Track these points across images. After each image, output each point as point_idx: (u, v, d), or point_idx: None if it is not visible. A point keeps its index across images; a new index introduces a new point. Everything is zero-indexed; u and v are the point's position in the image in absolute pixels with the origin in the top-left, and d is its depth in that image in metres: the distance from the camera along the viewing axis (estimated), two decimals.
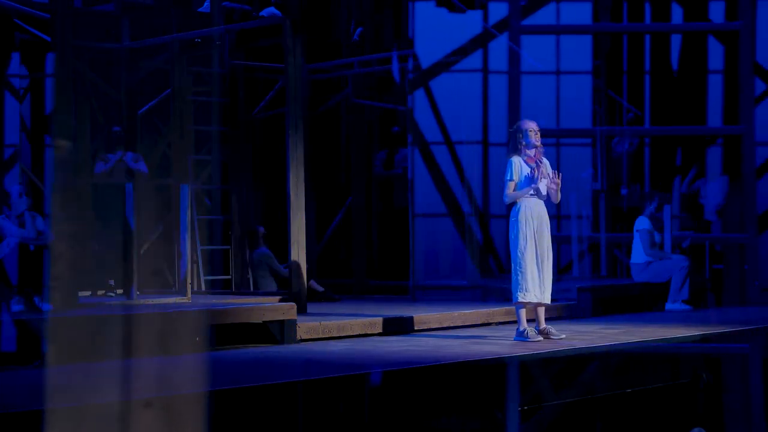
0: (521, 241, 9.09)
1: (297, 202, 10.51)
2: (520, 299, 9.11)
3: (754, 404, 8.41)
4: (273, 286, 12.26)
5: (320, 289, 12.91)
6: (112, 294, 10.90)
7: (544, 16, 16.37)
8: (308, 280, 11.23)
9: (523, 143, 9.18)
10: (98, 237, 11.37)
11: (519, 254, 9.09)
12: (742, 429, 9.17)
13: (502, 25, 15.51)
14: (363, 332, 9.69)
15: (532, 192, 9.11)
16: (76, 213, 9.04)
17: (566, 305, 11.55)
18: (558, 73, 17.15)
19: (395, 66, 13.48)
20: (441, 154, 16.38)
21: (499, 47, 16.43)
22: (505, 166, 9.25)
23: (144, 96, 12.53)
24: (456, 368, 7.47)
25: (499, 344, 8.85)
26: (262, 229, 12.85)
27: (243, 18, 12.50)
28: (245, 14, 12.71)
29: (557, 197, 9.29)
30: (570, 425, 8.07)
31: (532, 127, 9.22)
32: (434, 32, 16.07)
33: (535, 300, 9.10)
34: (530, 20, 15.50)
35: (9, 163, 12.52)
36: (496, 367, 7.68)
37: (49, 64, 11.81)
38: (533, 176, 9.11)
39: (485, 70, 16.92)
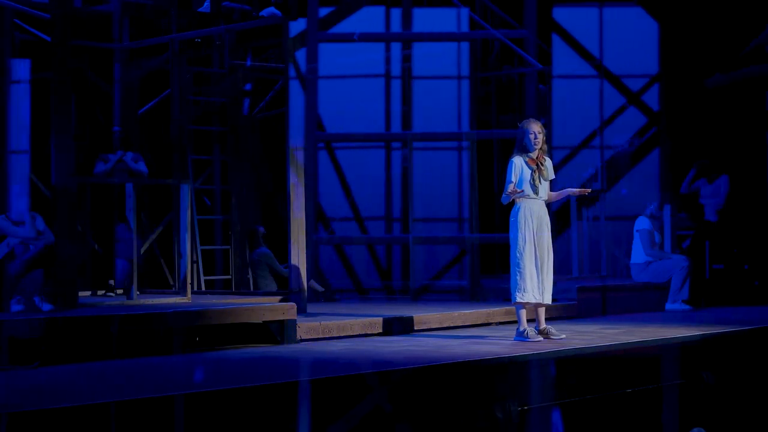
0: (520, 242, 9.07)
1: (297, 202, 10.51)
2: (518, 299, 9.09)
3: None
4: (273, 286, 12.27)
5: (320, 289, 12.92)
6: (112, 294, 10.91)
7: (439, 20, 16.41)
8: (308, 280, 11.23)
9: (524, 144, 9.13)
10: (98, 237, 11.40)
11: (518, 254, 9.07)
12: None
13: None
14: (363, 332, 9.69)
15: (525, 193, 9.05)
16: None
17: (566, 305, 11.55)
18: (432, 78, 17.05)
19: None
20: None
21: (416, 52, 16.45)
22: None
23: (144, 96, 12.54)
24: (456, 368, 7.47)
25: (499, 344, 8.84)
26: (262, 229, 12.86)
27: (243, 18, 12.50)
28: (245, 14, 12.71)
29: (552, 198, 9.28)
30: (570, 425, 8.07)
31: (533, 128, 9.11)
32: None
33: (533, 300, 9.09)
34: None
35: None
36: (496, 367, 7.68)
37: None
38: (532, 179, 9.06)
39: (387, 75, 16.83)
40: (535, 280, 9.06)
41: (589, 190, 9.56)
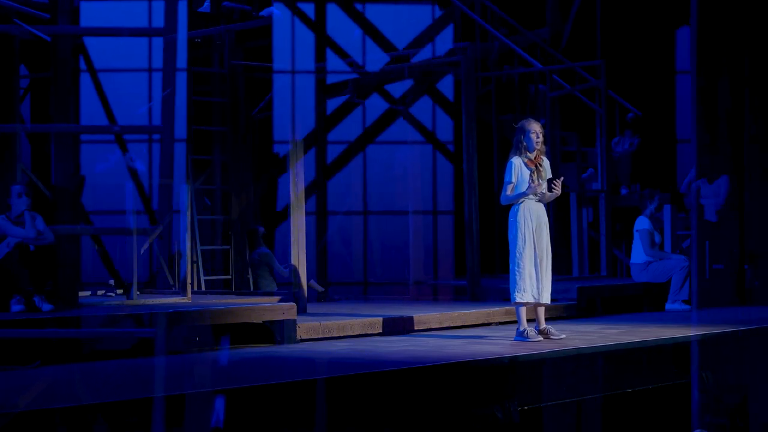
0: (519, 242, 9.07)
1: (297, 202, 10.51)
2: (518, 299, 9.10)
3: None
4: (273, 286, 12.27)
5: (320, 289, 12.92)
6: (112, 294, 10.92)
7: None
8: (308, 280, 11.23)
9: (524, 144, 9.11)
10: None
11: (517, 254, 9.07)
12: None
13: None
14: (363, 332, 9.69)
15: (530, 196, 9.04)
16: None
17: (566, 305, 11.55)
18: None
19: None
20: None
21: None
22: (504, 167, 9.22)
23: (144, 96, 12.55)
24: (456, 368, 7.47)
25: (499, 344, 8.84)
26: (262, 229, 12.86)
27: (242, 18, 12.49)
28: (245, 14, 12.71)
29: (548, 198, 9.25)
30: (570, 425, 8.07)
31: (534, 128, 9.09)
32: None
33: (532, 300, 9.09)
34: None
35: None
36: (496, 367, 7.68)
37: None
38: (531, 180, 9.04)
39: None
40: (534, 280, 9.07)
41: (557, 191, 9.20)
